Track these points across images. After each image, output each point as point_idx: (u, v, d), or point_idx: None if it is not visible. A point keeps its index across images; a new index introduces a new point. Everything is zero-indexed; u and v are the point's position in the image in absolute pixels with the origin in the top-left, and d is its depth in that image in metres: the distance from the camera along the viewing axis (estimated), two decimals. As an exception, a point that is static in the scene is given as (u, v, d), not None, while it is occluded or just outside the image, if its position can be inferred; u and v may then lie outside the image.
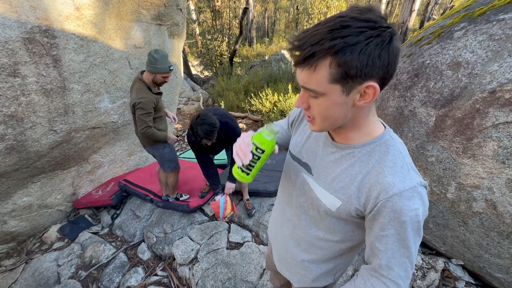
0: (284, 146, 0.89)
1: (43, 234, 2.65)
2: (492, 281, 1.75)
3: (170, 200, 2.52)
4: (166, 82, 1.98)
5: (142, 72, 1.98)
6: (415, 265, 1.93)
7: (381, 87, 0.50)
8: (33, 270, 2.23)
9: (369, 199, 0.55)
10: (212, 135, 1.71)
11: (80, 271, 2.18)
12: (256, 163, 0.64)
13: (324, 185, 0.64)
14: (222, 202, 2.03)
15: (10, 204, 2.29)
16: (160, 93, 2.04)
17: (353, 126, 0.58)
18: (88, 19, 2.08)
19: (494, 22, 1.38)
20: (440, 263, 1.93)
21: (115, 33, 2.38)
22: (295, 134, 0.81)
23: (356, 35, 0.43)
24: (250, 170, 0.65)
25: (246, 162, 0.62)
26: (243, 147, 0.63)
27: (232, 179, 2.12)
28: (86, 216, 2.82)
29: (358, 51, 0.43)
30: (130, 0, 2.37)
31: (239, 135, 0.68)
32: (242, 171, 0.65)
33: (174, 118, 2.37)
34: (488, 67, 1.34)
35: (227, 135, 1.97)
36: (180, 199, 2.56)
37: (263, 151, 0.63)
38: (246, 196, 2.46)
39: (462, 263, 1.90)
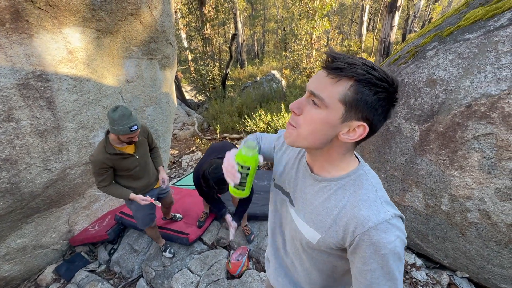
0: (268, 157, 0.90)
1: (38, 276, 2.57)
2: (499, 292, 1.71)
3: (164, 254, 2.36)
4: (134, 141, 1.71)
5: None
6: (420, 281, 1.89)
7: (367, 136, 0.55)
8: (27, 317, 2.13)
9: (347, 233, 0.57)
10: (225, 187, 1.68)
11: (76, 314, 2.09)
12: (246, 179, 0.67)
13: (304, 218, 0.66)
14: (243, 262, 2.06)
15: (4, 248, 2.24)
16: (122, 154, 1.73)
17: (328, 159, 0.61)
18: (81, 61, 2.18)
19: (461, 42, 1.48)
20: (445, 277, 1.90)
21: (108, 70, 2.47)
22: (279, 161, 0.82)
23: (379, 80, 0.49)
24: (244, 186, 0.68)
25: (237, 182, 0.65)
26: (229, 169, 0.65)
27: (237, 219, 2.05)
28: (82, 253, 2.75)
29: (373, 92, 0.50)
30: (121, 39, 2.49)
31: None
32: (237, 188, 0.69)
33: (163, 181, 2.06)
34: (461, 83, 1.41)
35: None
36: (174, 219, 2.63)
37: (248, 168, 0.65)
38: (244, 222, 2.44)
39: (468, 276, 1.87)
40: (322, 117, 0.53)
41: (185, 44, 12.10)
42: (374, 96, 0.50)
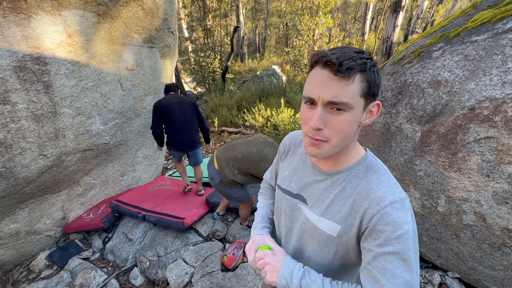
0: None
1: (30, 262, 2.55)
2: (489, 293, 1.75)
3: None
4: None
5: None
6: (412, 280, 1.92)
7: None
8: (19, 302, 2.13)
9: (364, 216, 0.57)
10: None
11: (69, 301, 2.09)
12: None
13: (320, 213, 0.65)
14: (239, 256, 2.06)
15: (-3, 233, 2.22)
16: None
17: (345, 152, 0.61)
18: (80, 45, 2.12)
19: (468, 44, 1.47)
20: (436, 276, 1.93)
21: (107, 57, 2.42)
22: (281, 168, 0.81)
23: (370, 59, 0.52)
24: None
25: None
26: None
27: None
28: (76, 241, 2.74)
29: (373, 71, 0.52)
30: (121, 25, 2.43)
31: None
32: None
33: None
34: (466, 86, 1.40)
35: None
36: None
37: None
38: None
39: (459, 276, 1.90)
40: (351, 119, 0.53)
41: (186, 34, 11.93)
42: (375, 73, 0.53)
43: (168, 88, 2.70)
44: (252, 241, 0.79)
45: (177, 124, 2.57)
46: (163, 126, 2.62)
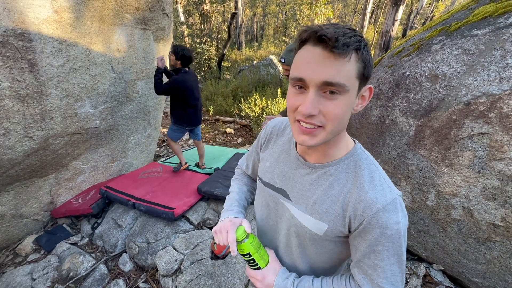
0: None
1: (17, 245, 2.51)
2: (471, 285, 1.80)
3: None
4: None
5: None
6: (398, 271, 1.96)
7: None
8: (4, 285, 2.10)
9: (355, 217, 0.55)
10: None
11: (56, 285, 2.07)
12: (254, 260, 0.68)
13: (306, 210, 0.61)
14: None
15: (-20, 215, 2.16)
16: None
17: (334, 142, 0.58)
18: (68, 22, 2.01)
19: (468, 37, 1.44)
20: (421, 268, 1.98)
21: (97, 37, 2.31)
22: (262, 159, 0.77)
23: (362, 38, 0.47)
24: (256, 263, 0.69)
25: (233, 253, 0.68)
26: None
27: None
28: (64, 225, 2.70)
29: (368, 52, 0.48)
30: (113, 3, 2.31)
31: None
32: (252, 267, 0.70)
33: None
34: (464, 80, 1.39)
35: None
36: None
37: (249, 254, 0.68)
38: None
39: (443, 268, 1.95)
40: (346, 104, 0.48)
41: (182, 19, 11.57)
42: (368, 54, 0.48)
43: (189, 61, 2.77)
44: (229, 220, 0.71)
45: (196, 101, 2.85)
46: (180, 102, 2.80)
